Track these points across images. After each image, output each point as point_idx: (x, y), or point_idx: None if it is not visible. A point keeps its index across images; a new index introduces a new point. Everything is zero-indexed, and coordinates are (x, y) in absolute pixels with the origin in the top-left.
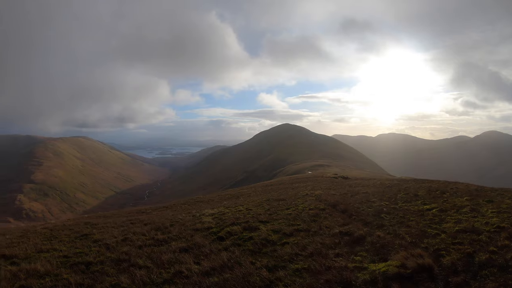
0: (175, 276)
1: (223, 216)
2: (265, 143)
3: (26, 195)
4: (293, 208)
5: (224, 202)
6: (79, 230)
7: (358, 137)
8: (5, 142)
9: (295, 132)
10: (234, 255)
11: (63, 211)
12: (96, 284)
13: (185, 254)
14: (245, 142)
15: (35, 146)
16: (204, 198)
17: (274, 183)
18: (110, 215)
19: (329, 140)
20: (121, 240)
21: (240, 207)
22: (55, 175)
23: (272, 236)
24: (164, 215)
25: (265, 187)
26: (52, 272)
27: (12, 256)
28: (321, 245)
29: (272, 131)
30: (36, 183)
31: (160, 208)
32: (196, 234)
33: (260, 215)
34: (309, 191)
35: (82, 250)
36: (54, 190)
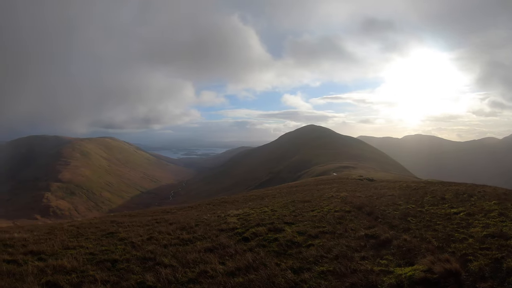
0: (200, 276)
1: (248, 217)
2: (290, 144)
3: (54, 193)
4: (318, 209)
5: (249, 203)
6: (105, 228)
7: (384, 139)
8: (34, 143)
9: (320, 133)
10: (259, 256)
11: (89, 209)
12: (121, 281)
13: (210, 254)
14: (270, 143)
15: (62, 146)
16: (228, 198)
17: (299, 184)
18: (136, 214)
19: (354, 141)
20: (146, 239)
21: (265, 208)
22: (82, 174)
23: (297, 237)
24: (189, 215)
25: (290, 188)
26: (79, 268)
27: (39, 252)
28: (346, 248)
29: (297, 132)
30: (63, 182)
31: (185, 208)
32: (221, 235)
33: (285, 217)
34: (334, 193)
35: (108, 248)
36: (81, 189)
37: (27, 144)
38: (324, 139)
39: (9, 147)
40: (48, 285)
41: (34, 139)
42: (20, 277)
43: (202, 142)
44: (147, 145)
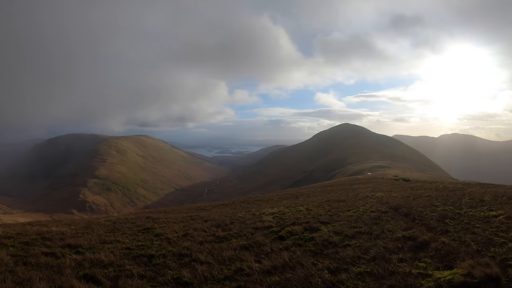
0: (236, 273)
1: (283, 215)
2: (324, 143)
3: (90, 189)
4: (354, 209)
5: (284, 202)
6: (141, 224)
7: (419, 138)
8: (72, 141)
9: (355, 132)
10: (295, 255)
11: (125, 205)
12: (158, 276)
13: (246, 252)
14: (304, 142)
15: (99, 144)
16: (263, 197)
17: (333, 183)
18: (171, 210)
19: (389, 140)
20: (182, 235)
21: (300, 207)
22: (118, 171)
23: (334, 237)
24: (223, 212)
25: (324, 187)
26: (116, 262)
27: (77, 246)
28: (383, 249)
29: (331, 131)
30: (100, 178)
31: (220, 206)
32: (257, 233)
33: (320, 216)
34: (370, 193)
35: (144, 243)
36: (117, 185)
37: (66, 142)
38: (359, 138)
39: (49, 145)
40: (85, 278)
41: (72, 137)
42: (58, 269)
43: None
44: (182, 143)
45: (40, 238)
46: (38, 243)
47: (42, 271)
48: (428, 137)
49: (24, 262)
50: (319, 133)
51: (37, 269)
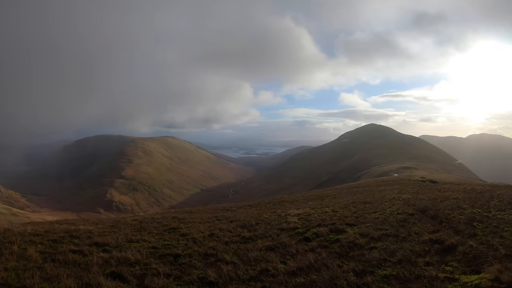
0: (261, 274)
1: (309, 217)
2: (350, 144)
3: (117, 189)
4: (380, 211)
5: (309, 203)
6: (167, 224)
7: (446, 138)
8: (100, 142)
9: (380, 133)
10: (321, 256)
11: (151, 205)
12: (184, 275)
13: (271, 253)
14: (330, 143)
15: (126, 145)
16: (288, 198)
17: (359, 185)
18: (196, 211)
19: (416, 141)
20: (207, 235)
21: (326, 209)
22: (144, 172)
23: (360, 239)
24: (249, 213)
25: (350, 189)
26: (142, 261)
27: (104, 244)
28: (410, 252)
29: (357, 131)
30: (127, 179)
31: (245, 207)
32: (282, 234)
33: (346, 218)
34: (396, 195)
35: (170, 243)
36: (143, 185)
37: (93, 144)
38: (385, 139)
39: (77, 146)
40: (112, 275)
41: (100, 138)
42: (85, 266)
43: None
44: (207, 144)
45: (68, 236)
46: (66, 241)
47: (70, 268)
48: (456, 137)
49: (52, 259)
50: (344, 133)
51: (65, 266)
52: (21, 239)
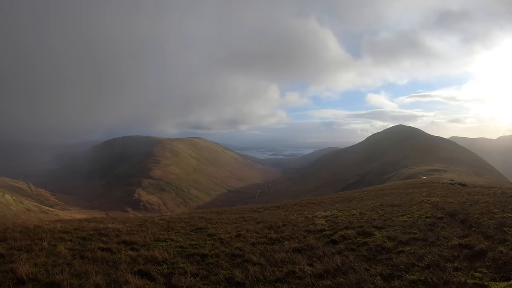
0: (288, 276)
1: (336, 219)
2: (377, 146)
3: (145, 189)
4: (408, 215)
5: (336, 205)
6: (194, 224)
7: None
8: (128, 143)
9: (408, 134)
10: (348, 259)
11: (178, 205)
12: (210, 275)
13: (298, 255)
14: (357, 144)
15: (154, 146)
16: (315, 199)
17: (387, 187)
18: (223, 211)
19: (445, 142)
20: (234, 236)
21: (353, 211)
22: (172, 172)
23: (387, 243)
24: (276, 214)
25: (377, 191)
26: (169, 260)
27: (132, 243)
28: (438, 257)
29: (385, 133)
30: (154, 179)
31: (272, 208)
32: (309, 236)
33: (374, 220)
34: (425, 198)
35: (197, 243)
36: (170, 185)
37: (122, 144)
38: (413, 140)
39: (106, 146)
40: (140, 273)
41: (128, 139)
42: (113, 264)
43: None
44: (234, 145)
45: (96, 234)
46: (95, 238)
47: (98, 265)
48: (485, 139)
49: (81, 256)
50: (372, 135)
51: (93, 263)
52: (51, 236)
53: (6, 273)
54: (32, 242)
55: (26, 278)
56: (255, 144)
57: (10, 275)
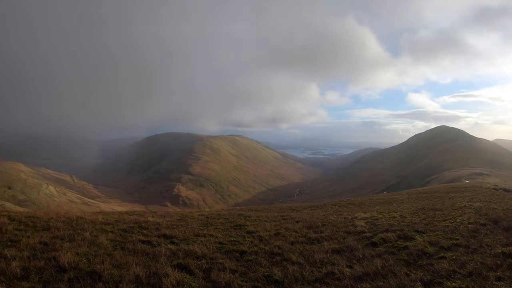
0: (327, 277)
1: (376, 221)
2: (419, 147)
3: (184, 184)
4: (450, 220)
5: (377, 207)
6: (233, 221)
7: None
8: (169, 139)
9: (452, 136)
10: (388, 263)
11: (216, 201)
12: (249, 272)
13: (337, 256)
14: (398, 145)
15: (194, 143)
16: (355, 200)
17: (428, 190)
18: (262, 209)
19: (489, 145)
20: (273, 234)
21: (393, 214)
22: (211, 169)
23: (429, 248)
24: (315, 214)
25: (418, 194)
26: (208, 255)
27: (171, 236)
28: (481, 265)
29: (427, 134)
30: (194, 175)
31: (311, 207)
32: (348, 237)
33: (415, 224)
34: (467, 203)
35: (237, 239)
36: (210, 182)
37: (163, 140)
38: (456, 142)
39: (147, 142)
40: (179, 267)
41: (169, 136)
42: (153, 256)
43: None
44: (274, 144)
45: (137, 226)
46: (135, 231)
47: (139, 257)
48: None
49: (122, 247)
50: (413, 136)
51: (133, 254)
52: (92, 227)
53: (49, 261)
54: (74, 232)
55: (68, 266)
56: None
57: (53, 262)
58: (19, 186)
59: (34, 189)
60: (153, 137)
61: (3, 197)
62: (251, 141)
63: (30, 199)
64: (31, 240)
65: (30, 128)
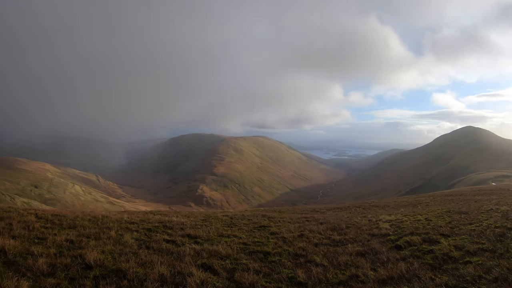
0: (351, 279)
1: (401, 224)
2: (445, 148)
3: (208, 185)
4: (476, 223)
5: (401, 209)
6: (257, 221)
7: None
8: (193, 140)
9: (478, 137)
10: (413, 267)
11: (240, 202)
12: (273, 273)
13: (361, 259)
14: (423, 147)
15: (218, 143)
16: (379, 203)
17: (454, 193)
18: (285, 210)
19: None
20: (297, 236)
21: (418, 216)
22: (235, 170)
23: (454, 252)
24: (339, 216)
25: (444, 197)
26: (232, 256)
27: (196, 236)
28: (507, 271)
29: (452, 135)
30: (218, 176)
31: (335, 209)
32: (373, 240)
33: (440, 228)
34: (494, 206)
35: (260, 240)
36: (233, 183)
37: (187, 141)
38: (482, 143)
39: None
40: (203, 267)
41: (193, 137)
42: (177, 256)
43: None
44: (298, 145)
45: (161, 226)
46: (160, 230)
47: (163, 256)
48: None
49: (147, 246)
50: (439, 137)
51: (158, 253)
52: (118, 226)
53: (75, 258)
54: (100, 230)
55: (94, 264)
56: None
57: (79, 260)
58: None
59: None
60: (178, 138)
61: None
62: (274, 142)
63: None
64: (58, 238)
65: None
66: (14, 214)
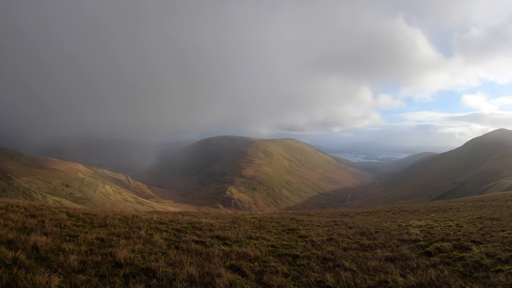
0: (380, 285)
1: (431, 229)
2: (476, 152)
3: (236, 187)
4: (509, 230)
5: (432, 215)
6: (286, 224)
7: None
8: (222, 142)
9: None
10: (443, 274)
11: (268, 204)
12: (301, 277)
13: (391, 264)
14: (454, 150)
15: (247, 146)
16: (409, 207)
17: (485, 198)
18: (314, 213)
19: None
20: (326, 239)
21: (449, 222)
22: (264, 172)
23: (485, 259)
24: (368, 220)
25: (475, 202)
26: (261, 258)
27: (224, 238)
28: None
29: (484, 138)
30: (246, 178)
31: (364, 213)
32: (402, 245)
33: (472, 234)
34: None
35: (289, 243)
36: (262, 185)
37: (216, 143)
38: None
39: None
40: (232, 268)
41: (223, 139)
42: (206, 257)
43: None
44: (327, 147)
45: (190, 227)
46: (189, 231)
47: (192, 256)
48: None
49: (176, 246)
50: (470, 140)
51: (187, 254)
52: (147, 226)
53: (105, 256)
54: (130, 230)
55: (124, 262)
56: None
57: (109, 258)
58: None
59: (90, 187)
60: (207, 140)
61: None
62: (303, 145)
63: (86, 197)
64: (89, 236)
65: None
66: (46, 212)
